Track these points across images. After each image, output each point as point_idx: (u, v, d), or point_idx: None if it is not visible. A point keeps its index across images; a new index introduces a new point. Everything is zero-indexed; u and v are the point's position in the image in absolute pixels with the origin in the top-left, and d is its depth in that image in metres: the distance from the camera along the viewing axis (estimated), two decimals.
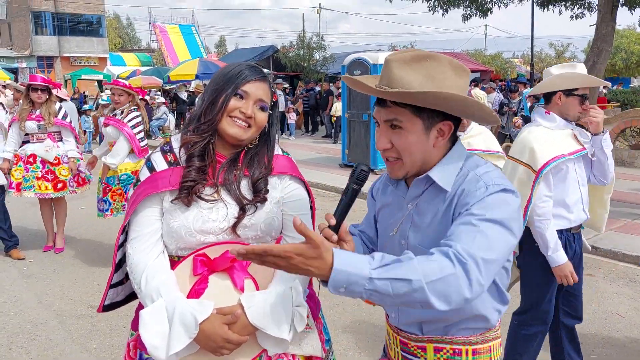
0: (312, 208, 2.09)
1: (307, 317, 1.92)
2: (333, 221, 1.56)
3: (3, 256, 6.52)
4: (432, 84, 1.57)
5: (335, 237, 1.57)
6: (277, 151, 2.04)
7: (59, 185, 6.50)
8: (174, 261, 1.89)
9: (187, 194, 1.82)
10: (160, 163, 1.91)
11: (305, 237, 1.30)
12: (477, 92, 14.98)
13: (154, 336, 1.73)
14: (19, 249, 6.57)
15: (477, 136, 4.27)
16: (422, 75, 1.58)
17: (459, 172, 1.64)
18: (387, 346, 1.95)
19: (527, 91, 11.41)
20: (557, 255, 3.15)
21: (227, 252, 1.82)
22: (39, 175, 6.41)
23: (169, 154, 1.93)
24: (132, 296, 2.16)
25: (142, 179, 1.91)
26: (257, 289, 1.85)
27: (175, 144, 1.95)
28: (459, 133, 4.04)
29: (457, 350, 1.70)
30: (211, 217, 1.84)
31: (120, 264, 2.02)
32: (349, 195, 1.60)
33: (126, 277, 2.08)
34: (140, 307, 2.00)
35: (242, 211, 1.86)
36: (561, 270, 3.17)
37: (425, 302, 1.35)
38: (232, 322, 1.74)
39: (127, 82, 6.37)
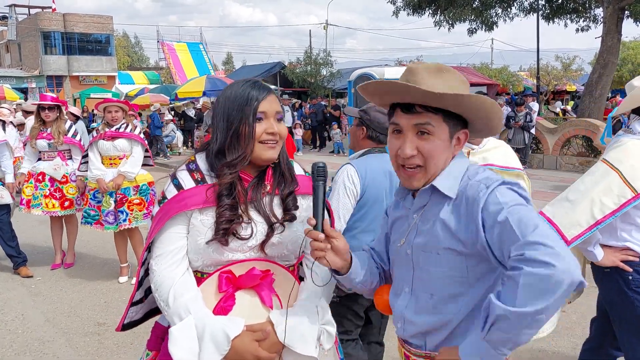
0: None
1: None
2: (313, 221, 1.68)
3: (11, 274, 6.55)
4: (450, 90, 1.61)
5: (322, 235, 1.69)
6: (300, 171, 2.07)
7: (66, 204, 6.56)
8: (199, 278, 1.89)
9: (224, 235, 1.80)
10: (187, 181, 1.89)
11: None
12: None
13: (184, 353, 1.72)
14: (28, 267, 6.60)
15: (492, 150, 3.98)
16: (445, 84, 1.62)
17: (461, 179, 1.67)
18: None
19: (612, 113, 10.95)
20: (598, 250, 2.90)
21: (253, 269, 1.84)
22: (47, 194, 6.48)
23: (195, 172, 1.91)
24: (149, 314, 2.16)
25: (168, 196, 1.88)
26: (281, 306, 1.87)
27: (201, 162, 1.94)
28: (473, 147, 3.99)
29: None
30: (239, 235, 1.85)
31: (141, 282, 2.02)
32: (317, 193, 1.72)
33: (145, 295, 2.09)
34: (157, 326, 2.03)
35: (271, 229, 1.86)
36: (607, 259, 2.89)
37: (549, 306, 1.36)
38: (263, 339, 1.76)
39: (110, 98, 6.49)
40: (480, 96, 1.62)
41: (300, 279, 2.03)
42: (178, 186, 1.88)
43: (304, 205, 2.00)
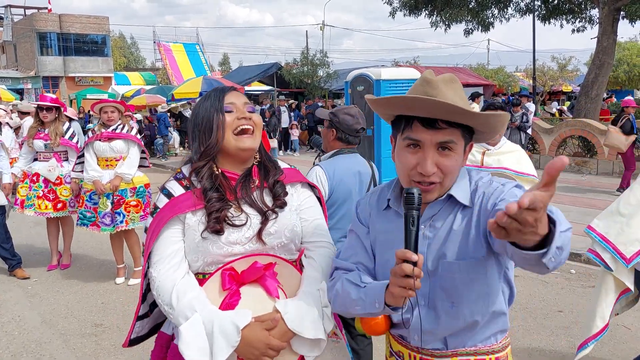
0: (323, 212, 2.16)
1: (337, 327, 1.98)
2: (415, 257, 1.42)
3: (7, 276, 6.53)
4: (464, 103, 1.61)
5: (421, 274, 1.45)
6: (284, 165, 2.11)
7: (59, 205, 6.53)
8: (200, 279, 1.89)
9: (217, 222, 1.83)
10: (176, 188, 1.94)
11: (548, 182, 1.15)
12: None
13: (195, 351, 1.71)
14: (24, 268, 6.58)
15: (508, 154, 4.12)
16: (457, 95, 1.62)
17: (469, 186, 1.70)
18: None
19: None
20: None
21: (256, 262, 1.85)
22: (40, 195, 6.46)
23: (183, 180, 1.96)
24: (155, 328, 2.17)
25: (160, 205, 1.91)
26: (286, 297, 1.89)
27: (186, 171, 1.98)
28: (489, 147, 4.08)
29: None
30: (236, 228, 1.87)
31: (145, 296, 2.02)
32: (417, 224, 1.48)
33: (150, 309, 2.09)
34: (161, 335, 2.05)
35: (265, 218, 1.89)
36: None
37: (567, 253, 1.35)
38: (272, 327, 1.77)
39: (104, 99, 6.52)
40: (504, 114, 1.65)
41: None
42: (168, 195, 1.93)
43: (294, 194, 2.04)
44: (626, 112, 10.69)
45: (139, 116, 20.39)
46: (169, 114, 21.68)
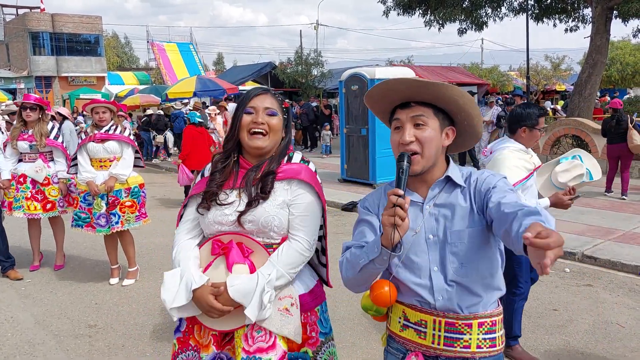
0: (323, 210, 2.41)
1: (292, 305, 2.29)
2: (401, 192, 1.81)
3: (0, 277, 6.49)
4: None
5: (406, 203, 1.80)
6: (297, 160, 2.43)
7: (48, 206, 6.49)
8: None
9: (205, 201, 2.33)
10: (207, 171, 2.45)
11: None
12: None
13: (167, 293, 2.25)
14: (17, 269, 6.54)
15: (535, 154, 4.58)
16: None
17: (462, 174, 2.07)
18: (408, 341, 2.09)
19: None
20: None
21: (231, 242, 2.30)
22: (28, 196, 6.41)
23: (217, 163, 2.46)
24: None
25: (197, 180, 2.50)
26: (253, 268, 2.27)
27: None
28: (532, 153, 4.46)
29: (494, 322, 2.04)
30: (225, 212, 2.31)
31: None
32: (405, 173, 1.89)
33: None
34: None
35: (248, 206, 2.26)
36: None
37: None
38: (217, 294, 2.20)
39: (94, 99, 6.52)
40: (452, 86, 1.98)
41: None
42: (202, 174, 2.47)
43: (288, 189, 2.33)
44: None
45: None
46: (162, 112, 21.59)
